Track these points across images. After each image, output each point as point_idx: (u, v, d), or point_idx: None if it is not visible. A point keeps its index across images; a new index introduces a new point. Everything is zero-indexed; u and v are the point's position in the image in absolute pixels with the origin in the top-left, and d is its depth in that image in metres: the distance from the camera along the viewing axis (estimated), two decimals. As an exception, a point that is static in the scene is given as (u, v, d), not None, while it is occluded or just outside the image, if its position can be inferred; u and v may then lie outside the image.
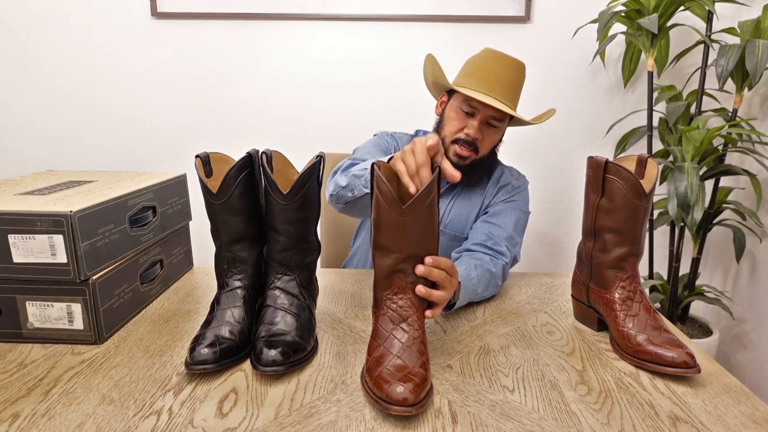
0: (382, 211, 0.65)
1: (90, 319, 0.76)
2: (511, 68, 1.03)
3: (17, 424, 0.57)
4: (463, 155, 1.05)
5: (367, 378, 0.63)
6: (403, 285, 0.67)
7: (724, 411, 0.61)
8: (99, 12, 1.79)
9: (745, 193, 1.80)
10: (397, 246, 0.66)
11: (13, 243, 0.72)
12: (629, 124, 1.86)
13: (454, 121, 1.06)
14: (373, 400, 0.60)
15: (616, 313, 0.76)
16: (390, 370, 0.61)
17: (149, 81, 1.85)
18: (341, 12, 1.77)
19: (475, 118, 1.03)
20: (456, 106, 1.06)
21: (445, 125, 1.08)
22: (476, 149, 1.05)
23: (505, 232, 1.05)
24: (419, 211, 0.64)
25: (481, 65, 1.04)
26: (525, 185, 1.16)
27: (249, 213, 0.76)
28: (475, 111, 1.03)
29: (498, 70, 1.02)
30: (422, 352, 0.64)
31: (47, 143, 1.91)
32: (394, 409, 0.57)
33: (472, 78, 1.04)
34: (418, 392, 0.58)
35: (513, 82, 1.03)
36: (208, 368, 0.66)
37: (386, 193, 0.64)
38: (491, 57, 1.04)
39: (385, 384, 0.59)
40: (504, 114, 1.04)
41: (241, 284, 0.76)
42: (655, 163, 0.76)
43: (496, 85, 1.02)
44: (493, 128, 1.06)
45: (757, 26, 1.49)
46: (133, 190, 0.87)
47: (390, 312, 0.67)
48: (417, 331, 0.66)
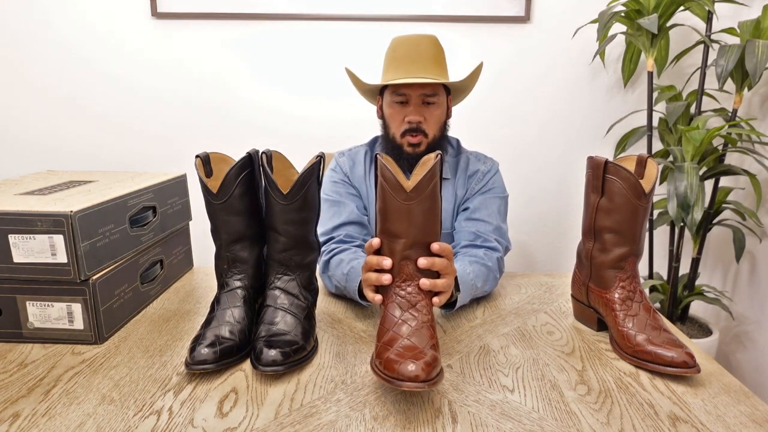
0: (388, 197, 0.66)
1: (90, 319, 0.76)
2: (421, 44, 1.05)
3: (17, 423, 0.57)
4: (414, 142, 1.07)
5: (377, 362, 0.63)
6: (411, 272, 0.68)
7: (724, 411, 0.61)
8: (99, 12, 1.79)
9: (744, 193, 1.81)
10: (404, 231, 0.67)
11: (14, 243, 0.72)
12: (629, 124, 1.86)
13: (394, 116, 1.08)
14: (384, 379, 0.59)
15: (616, 313, 0.76)
16: (400, 350, 0.61)
17: (149, 81, 1.85)
18: (341, 12, 1.77)
19: (410, 104, 1.06)
20: (389, 102, 1.08)
21: (389, 124, 1.10)
22: (424, 132, 1.06)
23: (490, 225, 1.05)
24: (423, 195, 0.65)
25: (394, 54, 1.07)
26: (495, 168, 1.15)
27: (249, 213, 0.76)
28: (407, 97, 1.05)
29: (409, 51, 1.05)
30: (432, 335, 0.64)
31: (47, 143, 1.91)
32: (406, 385, 0.57)
33: (389, 69, 1.07)
34: (429, 370, 0.58)
35: (429, 55, 1.05)
36: (208, 368, 0.66)
37: (391, 180, 0.65)
38: (399, 42, 1.07)
39: (395, 364, 0.59)
40: (435, 87, 1.05)
41: (241, 284, 0.76)
42: (654, 163, 0.76)
43: (412, 64, 1.04)
44: (431, 105, 1.07)
45: (757, 26, 1.49)
46: (133, 190, 0.87)
47: (398, 299, 0.68)
48: (426, 316, 0.66)
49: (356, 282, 0.86)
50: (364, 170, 1.15)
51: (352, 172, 1.15)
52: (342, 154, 1.18)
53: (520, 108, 1.85)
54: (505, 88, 1.84)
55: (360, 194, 1.14)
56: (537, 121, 1.87)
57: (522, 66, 1.82)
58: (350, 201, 1.10)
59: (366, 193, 1.14)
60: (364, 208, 1.14)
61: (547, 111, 1.86)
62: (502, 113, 1.86)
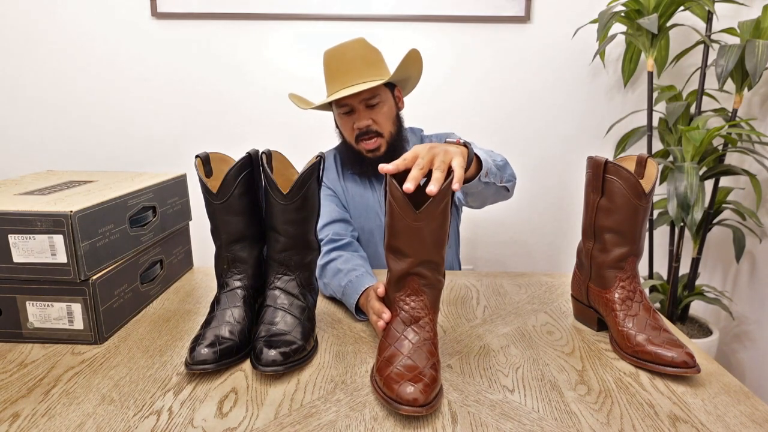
0: (396, 215, 0.65)
1: (90, 319, 0.76)
2: (347, 52, 1.07)
3: (17, 423, 0.57)
4: (371, 148, 1.09)
5: (377, 377, 0.63)
6: (417, 287, 0.67)
7: (724, 411, 0.61)
8: (99, 12, 1.79)
9: (744, 193, 1.81)
10: (412, 250, 0.65)
11: (13, 243, 0.72)
12: (629, 124, 1.86)
13: (344, 126, 1.12)
14: (383, 399, 0.60)
15: (616, 313, 0.76)
16: (400, 370, 0.61)
17: (149, 81, 1.85)
18: (341, 12, 1.77)
19: (355, 111, 1.08)
20: (338, 113, 1.12)
21: (343, 134, 1.14)
22: (378, 133, 1.09)
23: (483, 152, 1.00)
24: (433, 216, 0.64)
25: (327, 69, 1.09)
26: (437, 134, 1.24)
27: (249, 213, 0.76)
28: (350, 106, 1.08)
29: (338, 63, 1.07)
30: (432, 353, 0.64)
31: (47, 143, 1.91)
32: (405, 409, 0.56)
33: (327, 84, 1.10)
34: (428, 393, 0.58)
35: (357, 61, 1.06)
36: (208, 368, 0.66)
37: (399, 199, 0.63)
38: (330, 55, 1.09)
39: (395, 384, 0.59)
40: (371, 90, 1.07)
41: (241, 284, 0.76)
42: (654, 163, 0.76)
43: (344, 75, 1.06)
44: (375, 106, 1.08)
45: (757, 26, 1.49)
46: (133, 190, 0.87)
47: (402, 313, 0.67)
48: (428, 333, 0.66)
49: (353, 299, 0.86)
50: (336, 172, 1.19)
51: (326, 175, 1.19)
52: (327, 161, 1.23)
53: (519, 108, 1.85)
54: (505, 88, 1.84)
55: (336, 194, 1.18)
56: (537, 121, 1.87)
57: (522, 66, 1.82)
58: (329, 201, 1.13)
59: (342, 192, 1.18)
60: (343, 207, 1.17)
61: (547, 111, 1.86)
62: (501, 113, 1.86)
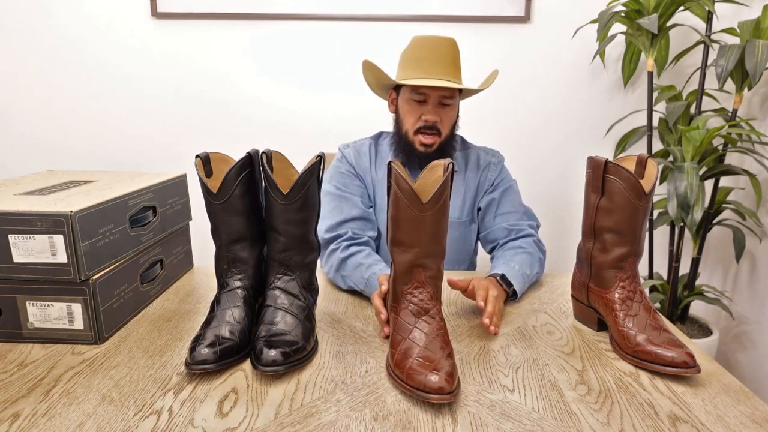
0: (402, 207, 0.66)
1: (90, 319, 0.76)
2: (442, 46, 1.07)
3: (17, 423, 0.57)
4: (428, 143, 1.09)
5: (397, 372, 0.64)
6: (423, 279, 0.69)
7: (724, 411, 0.61)
8: (99, 12, 1.79)
9: (744, 193, 1.80)
10: (417, 241, 0.67)
11: (14, 243, 0.72)
12: (629, 124, 1.86)
13: (410, 113, 1.10)
14: (408, 390, 0.61)
15: (616, 313, 0.76)
16: (420, 361, 0.63)
17: (149, 81, 1.85)
18: (341, 12, 1.77)
19: (428, 103, 1.08)
20: (407, 98, 1.10)
21: (403, 120, 1.12)
22: (438, 132, 1.09)
23: (517, 213, 1.14)
24: (437, 206, 0.65)
25: (416, 53, 1.08)
26: (503, 158, 1.23)
27: (249, 213, 0.76)
28: (425, 96, 1.07)
29: (431, 53, 1.06)
30: (447, 343, 0.66)
31: (47, 143, 1.91)
32: (433, 398, 0.59)
33: (410, 68, 1.08)
34: (451, 381, 0.60)
35: (449, 58, 1.07)
36: (208, 368, 0.66)
37: (406, 190, 0.65)
38: (421, 42, 1.08)
39: (418, 375, 0.61)
40: (452, 90, 1.08)
41: (241, 284, 0.76)
42: (654, 163, 0.76)
43: (434, 66, 1.06)
44: (447, 106, 1.09)
45: (757, 26, 1.49)
46: (133, 190, 0.87)
47: (411, 305, 0.69)
48: (439, 323, 0.68)
49: (374, 289, 0.90)
50: (369, 162, 1.18)
51: (357, 162, 1.17)
52: (347, 146, 1.20)
53: (520, 108, 1.85)
54: (505, 88, 1.84)
55: (365, 185, 1.16)
56: (537, 121, 1.87)
57: (522, 66, 1.82)
58: (355, 195, 1.12)
59: (371, 183, 1.17)
60: (368, 198, 1.16)
61: (547, 111, 1.86)
62: (501, 113, 1.86)
